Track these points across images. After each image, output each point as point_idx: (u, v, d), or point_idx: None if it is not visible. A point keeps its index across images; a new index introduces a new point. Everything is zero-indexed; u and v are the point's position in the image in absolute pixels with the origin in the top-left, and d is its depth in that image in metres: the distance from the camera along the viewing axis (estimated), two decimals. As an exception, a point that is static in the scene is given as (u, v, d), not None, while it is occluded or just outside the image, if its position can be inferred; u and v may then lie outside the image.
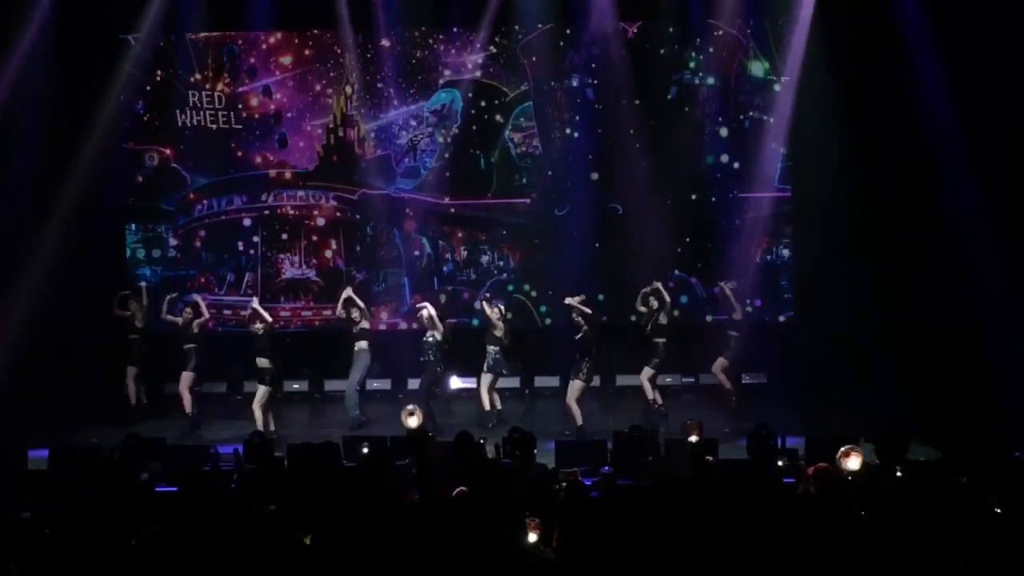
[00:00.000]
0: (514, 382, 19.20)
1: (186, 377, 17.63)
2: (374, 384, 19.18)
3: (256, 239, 20.76)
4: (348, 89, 20.62)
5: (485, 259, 20.86)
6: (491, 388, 17.45)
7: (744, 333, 18.04)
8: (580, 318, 16.61)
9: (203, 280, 20.69)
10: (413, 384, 18.68)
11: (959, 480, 8.52)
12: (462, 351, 18.56)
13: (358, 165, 20.68)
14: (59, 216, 18.39)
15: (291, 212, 20.73)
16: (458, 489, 8.39)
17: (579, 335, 16.66)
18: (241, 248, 20.79)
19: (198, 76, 20.45)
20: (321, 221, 20.73)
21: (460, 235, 20.85)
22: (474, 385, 18.04)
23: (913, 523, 6.77)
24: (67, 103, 18.55)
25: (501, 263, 20.84)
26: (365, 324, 17.72)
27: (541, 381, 19.62)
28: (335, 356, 18.57)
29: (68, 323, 18.32)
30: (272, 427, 16.76)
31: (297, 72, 20.69)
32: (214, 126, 20.50)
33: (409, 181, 20.70)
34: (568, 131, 20.56)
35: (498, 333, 17.37)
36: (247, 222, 20.80)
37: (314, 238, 20.76)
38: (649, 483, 8.93)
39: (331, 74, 20.64)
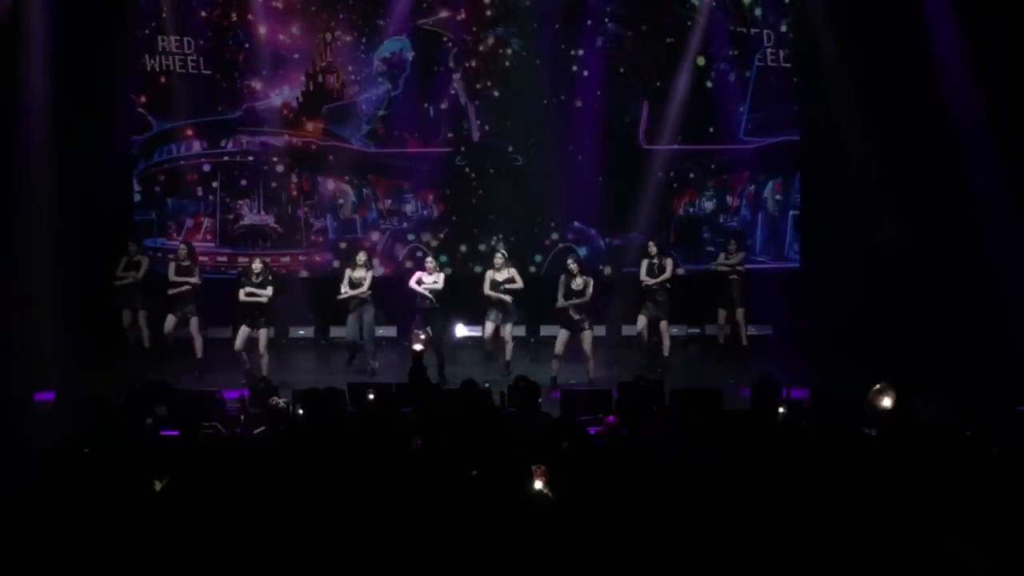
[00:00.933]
0: (520, 331, 19.24)
1: (194, 322, 17.75)
2: (379, 331, 19.23)
3: (215, 184, 20.89)
4: (328, 35, 20.70)
5: (409, 207, 21.05)
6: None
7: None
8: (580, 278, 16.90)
9: (163, 225, 20.91)
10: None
11: (963, 433, 8.56)
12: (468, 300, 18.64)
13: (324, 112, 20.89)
14: (63, 162, 18.42)
15: (249, 158, 20.86)
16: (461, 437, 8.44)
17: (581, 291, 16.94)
18: (200, 193, 20.91)
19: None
20: (281, 168, 20.92)
21: (384, 183, 21.03)
22: (479, 333, 18.12)
23: (918, 476, 6.82)
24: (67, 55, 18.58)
25: (425, 212, 21.06)
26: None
27: (548, 330, 19.67)
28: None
29: (75, 265, 18.35)
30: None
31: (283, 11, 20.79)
32: (183, 71, 20.49)
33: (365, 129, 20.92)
34: (488, 84, 20.77)
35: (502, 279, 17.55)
36: (206, 167, 20.90)
37: (273, 184, 20.95)
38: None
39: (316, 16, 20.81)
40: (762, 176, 20.85)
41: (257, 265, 17.45)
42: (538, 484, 7.29)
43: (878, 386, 10.93)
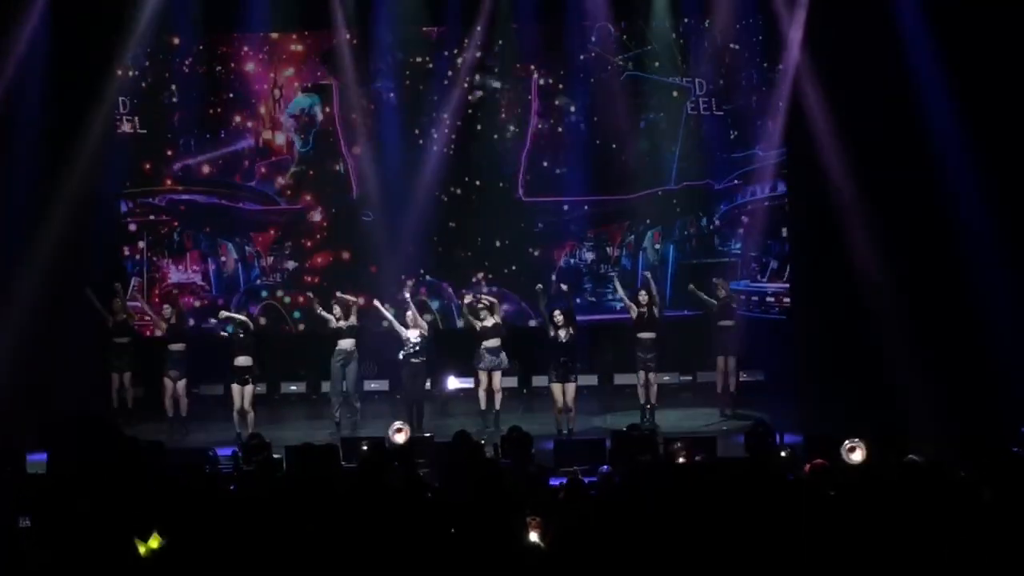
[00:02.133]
0: (511, 381, 19.27)
1: (181, 383, 17.78)
2: (372, 384, 19.24)
3: (142, 244, 21.17)
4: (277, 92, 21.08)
5: (291, 264, 21.39)
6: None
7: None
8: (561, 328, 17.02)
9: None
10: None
11: (957, 475, 8.59)
12: (457, 351, 18.69)
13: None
14: (57, 211, 18.54)
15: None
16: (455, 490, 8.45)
17: (566, 339, 17.00)
18: (127, 253, 21.14)
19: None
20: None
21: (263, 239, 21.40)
22: (472, 385, 18.16)
23: (912, 516, 6.85)
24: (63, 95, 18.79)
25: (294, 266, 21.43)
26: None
27: (539, 381, 19.70)
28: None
29: (67, 324, 18.42)
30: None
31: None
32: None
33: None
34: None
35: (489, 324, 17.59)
36: (132, 227, 21.19)
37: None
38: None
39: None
40: (655, 224, 21.23)
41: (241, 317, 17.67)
42: (533, 536, 7.31)
43: (848, 443, 11.08)
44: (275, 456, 12.90)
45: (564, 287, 20.81)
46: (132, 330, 18.72)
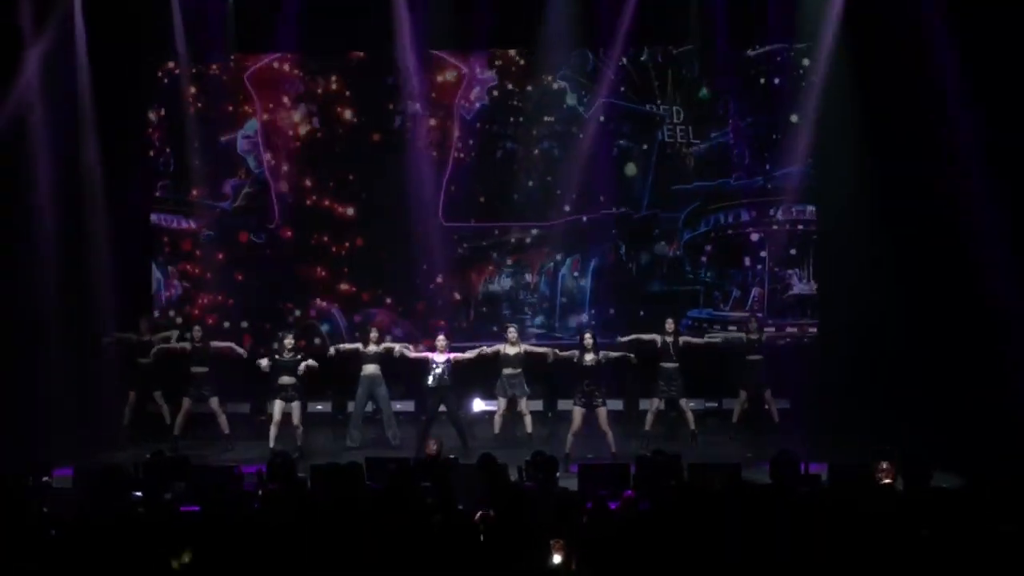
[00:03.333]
0: (536, 405, 19.33)
1: (214, 402, 17.97)
2: (397, 405, 19.31)
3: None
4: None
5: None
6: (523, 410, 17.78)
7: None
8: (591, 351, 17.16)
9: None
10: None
11: (982, 508, 8.57)
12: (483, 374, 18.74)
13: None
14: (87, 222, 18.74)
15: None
16: (480, 512, 8.47)
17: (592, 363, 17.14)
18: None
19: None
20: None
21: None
22: (495, 408, 18.22)
23: (933, 548, 6.84)
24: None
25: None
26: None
27: (565, 404, 19.67)
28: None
29: (92, 338, 18.55)
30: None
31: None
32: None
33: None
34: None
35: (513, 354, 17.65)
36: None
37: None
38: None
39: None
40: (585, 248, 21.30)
41: (288, 341, 17.76)
42: (556, 558, 7.32)
43: (881, 465, 11.08)
44: (300, 475, 12.93)
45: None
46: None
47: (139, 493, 12.08)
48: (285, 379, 17.65)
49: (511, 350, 17.75)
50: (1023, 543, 7.18)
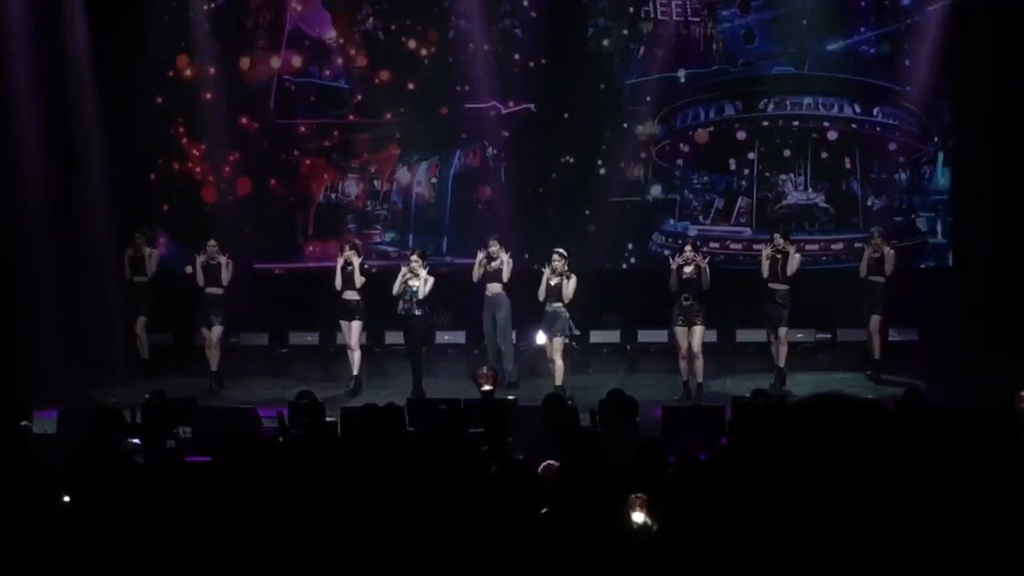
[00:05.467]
0: (613, 336, 19.22)
1: (216, 331, 17.80)
2: (445, 337, 19.29)
3: None
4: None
5: None
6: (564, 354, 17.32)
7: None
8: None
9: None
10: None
11: None
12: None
13: None
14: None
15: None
16: (546, 463, 8.40)
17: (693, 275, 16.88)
18: None
19: None
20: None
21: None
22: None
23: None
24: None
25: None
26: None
27: (646, 336, 19.57)
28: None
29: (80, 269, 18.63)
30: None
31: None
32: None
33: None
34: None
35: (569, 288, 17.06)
36: None
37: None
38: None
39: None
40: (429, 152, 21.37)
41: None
42: (638, 517, 7.23)
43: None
44: (328, 419, 12.95)
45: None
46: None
47: (137, 440, 12.15)
48: (349, 294, 17.48)
49: (553, 280, 17.08)
50: None
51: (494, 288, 17.57)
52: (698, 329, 16.85)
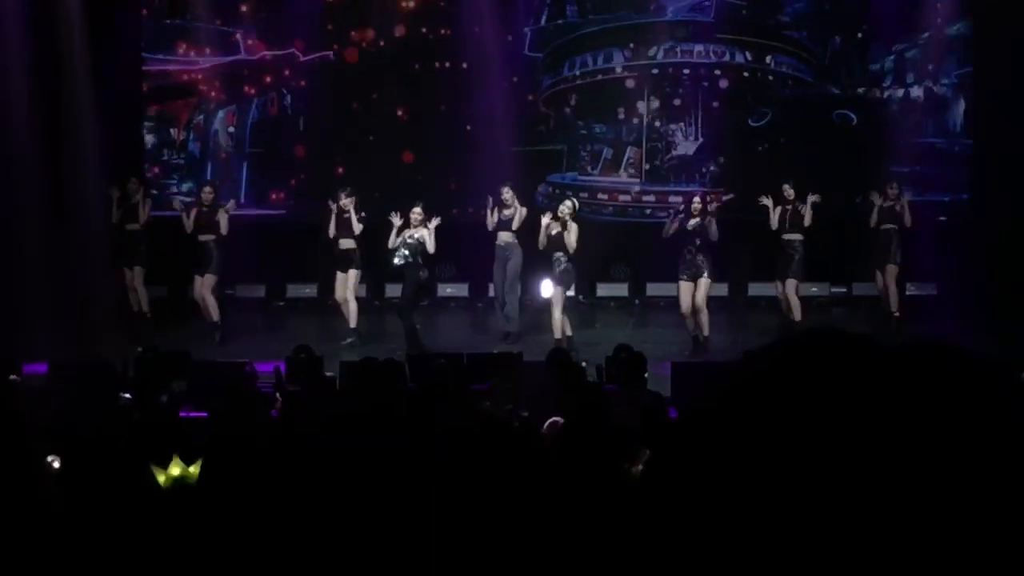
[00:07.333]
0: (623, 290, 19.21)
1: (208, 279, 17.74)
2: (448, 289, 19.28)
3: None
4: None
5: None
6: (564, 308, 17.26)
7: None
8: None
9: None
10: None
11: None
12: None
13: None
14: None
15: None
16: (551, 419, 8.40)
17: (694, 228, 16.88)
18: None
19: None
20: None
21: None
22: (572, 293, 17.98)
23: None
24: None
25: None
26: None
27: (654, 289, 19.55)
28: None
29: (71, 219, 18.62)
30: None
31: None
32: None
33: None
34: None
35: (572, 237, 16.95)
36: None
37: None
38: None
39: None
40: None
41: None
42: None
43: None
44: (327, 374, 12.96)
45: None
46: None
47: (128, 395, 12.14)
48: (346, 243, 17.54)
49: (554, 230, 17.04)
50: None
51: (505, 237, 17.52)
52: (703, 282, 16.84)
